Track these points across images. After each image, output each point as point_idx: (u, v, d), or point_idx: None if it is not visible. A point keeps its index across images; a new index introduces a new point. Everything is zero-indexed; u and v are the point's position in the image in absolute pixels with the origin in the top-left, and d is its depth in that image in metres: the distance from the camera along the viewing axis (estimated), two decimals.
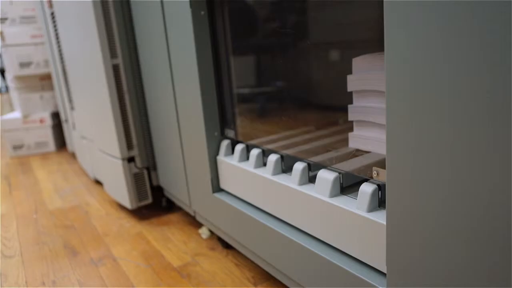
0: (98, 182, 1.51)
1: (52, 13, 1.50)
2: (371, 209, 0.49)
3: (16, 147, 2.06)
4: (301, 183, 0.60)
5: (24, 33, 1.97)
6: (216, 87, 0.79)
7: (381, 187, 0.49)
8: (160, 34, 0.86)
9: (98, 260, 0.93)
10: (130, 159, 1.07)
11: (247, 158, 0.75)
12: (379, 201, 0.50)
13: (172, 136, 0.94)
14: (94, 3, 0.94)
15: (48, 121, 2.07)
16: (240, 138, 0.84)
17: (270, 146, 0.73)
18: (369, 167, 0.59)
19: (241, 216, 0.73)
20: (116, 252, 0.96)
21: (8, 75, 2.18)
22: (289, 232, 0.62)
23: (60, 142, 2.17)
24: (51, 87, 2.11)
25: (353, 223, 0.50)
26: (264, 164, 0.71)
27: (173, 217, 1.13)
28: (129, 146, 1.07)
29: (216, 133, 0.80)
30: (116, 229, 1.09)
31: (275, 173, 0.65)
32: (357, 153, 0.66)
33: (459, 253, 0.35)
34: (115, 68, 1.00)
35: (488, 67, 0.30)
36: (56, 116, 2.13)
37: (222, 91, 0.81)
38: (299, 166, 0.60)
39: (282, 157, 0.66)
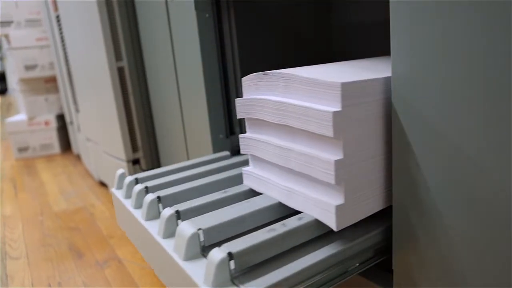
0: (103, 184, 1.52)
1: (57, 16, 1.51)
2: (218, 284, 0.37)
3: (21, 149, 2.08)
4: (166, 235, 0.48)
5: (29, 36, 1.99)
6: (222, 89, 0.79)
7: (233, 256, 0.37)
8: (165, 37, 0.87)
9: (103, 262, 0.93)
10: (135, 161, 1.08)
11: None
12: (233, 274, 0.38)
13: (177, 138, 0.94)
14: (99, 6, 0.95)
15: (53, 123, 2.08)
16: None
17: (157, 182, 0.61)
18: (248, 217, 0.46)
19: None
20: (121, 253, 0.96)
21: (14, 77, 2.20)
22: None
23: (65, 144, 2.18)
24: (56, 90, 2.12)
25: None
26: None
27: None
28: (134, 148, 1.07)
29: (221, 136, 0.80)
30: (121, 231, 1.09)
31: (148, 218, 0.53)
32: (250, 194, 0.55)
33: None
34: (120, 71, 1.01)
35: (488, 66, 0.30)
36: (61, 118, 2.14)
37: (229, 93, 0.82)
38: (165, 214, 0.48)
39: (159, 198, 0.54)
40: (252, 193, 0.54)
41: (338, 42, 0.94)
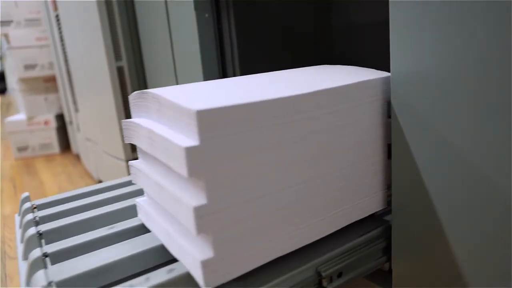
0: None
1: (57, 16, 1.51)
2: None
3: (21, 149, 2.07)
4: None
5: (29, 36, 1.98)
6: None
7: None
8: (164, 37, 0.87)
9: None
10: None
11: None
12: None
13: None
14: (99, 6, 0.95)
15: (53, 123, 2.08)
16: None
17: (56, 210, 0.51)
18: (121, 264, 0.38)
19: None
20: None
21: (13, 77, 2.20)
22: None
23: (65, 143, 2.18)
24: (55, 89, 2.12)
25: None
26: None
27: None
28: (133, 148, 1.07)
29: None
30: None
31: (26, 257, 0.43)
32: (140, 231, 0.46)
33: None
34: (120, 70, 1.01)
35: (488, 66, 0.30)
36: (60, 118, 2.13)
37: None
38: (31, 257, 0.39)
39: (40, 233, 0.45)
40: (143, 229, 0.46)
41: (338, 42, 0.94)
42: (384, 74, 0.43)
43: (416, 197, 0.38)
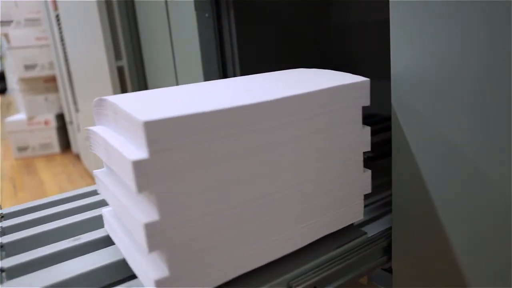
0: None
1: (57, 16, 1.51)
2: None
3: (21, 149, 2.08)
4: None
5: (29, 36, 1.99)
6: None
7: None
8: (164, 36, 0.87)
9: None
10: None
11: None
12: None
13: None
14: (99, 6, 0.95)
15: (53, 123, 2.08)
16: None
17: (23, 219, 0.47)
18: (76, 280, 0.35)
19: None
20: None
21: (13, 77, 2.20)
22: None
23: (65, 143, 2.18)
24: (55, 89, 2.12)
25: None
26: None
27: None
28: None
29: None
30: None
31: None
32: (105, 243, 0.43)
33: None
34: (120, 70, 1.01)
35: (489, 66, 0.30)
36: (60, 117, 2.14)
37: None
38: None
39: (1, 246, 0.42)
40: (109, 241, 0.43)
41: (338, 42, 0.94)
42: (360, 78, 0.39)
43: (416, 197, 0.38)
